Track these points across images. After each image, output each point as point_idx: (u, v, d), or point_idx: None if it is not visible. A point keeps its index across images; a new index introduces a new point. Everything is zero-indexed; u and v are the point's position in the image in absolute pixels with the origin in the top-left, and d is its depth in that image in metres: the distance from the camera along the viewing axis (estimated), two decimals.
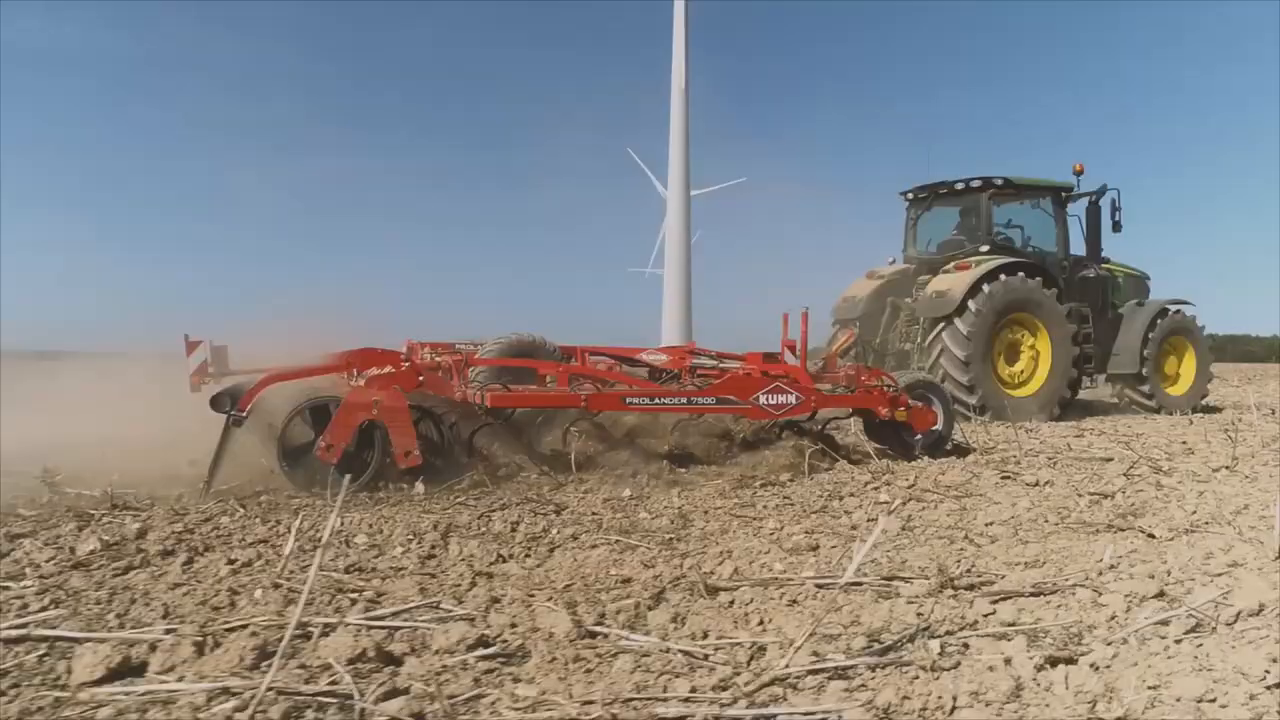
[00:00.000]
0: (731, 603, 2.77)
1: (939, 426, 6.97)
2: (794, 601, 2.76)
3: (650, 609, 2.70)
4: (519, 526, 4.12)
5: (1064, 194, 12.13)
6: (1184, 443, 7.57)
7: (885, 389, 6.67)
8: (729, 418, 6.61)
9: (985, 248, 11.44)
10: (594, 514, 4.48)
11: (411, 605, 2.69)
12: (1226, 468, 5.89)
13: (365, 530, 3.98)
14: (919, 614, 2.56)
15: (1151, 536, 3.85)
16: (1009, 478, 5.58)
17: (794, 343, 6.74)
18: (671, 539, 3.90)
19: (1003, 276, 10.72)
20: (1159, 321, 12.06)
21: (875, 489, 5.29)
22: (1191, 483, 5.31)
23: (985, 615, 2.58)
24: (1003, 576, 3.10)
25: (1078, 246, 12.34)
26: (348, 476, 2.95)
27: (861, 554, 2.70)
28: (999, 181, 11.63)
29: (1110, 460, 6.38)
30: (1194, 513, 4.35)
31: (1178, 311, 12.45)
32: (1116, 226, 12.04)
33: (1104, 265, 12.46)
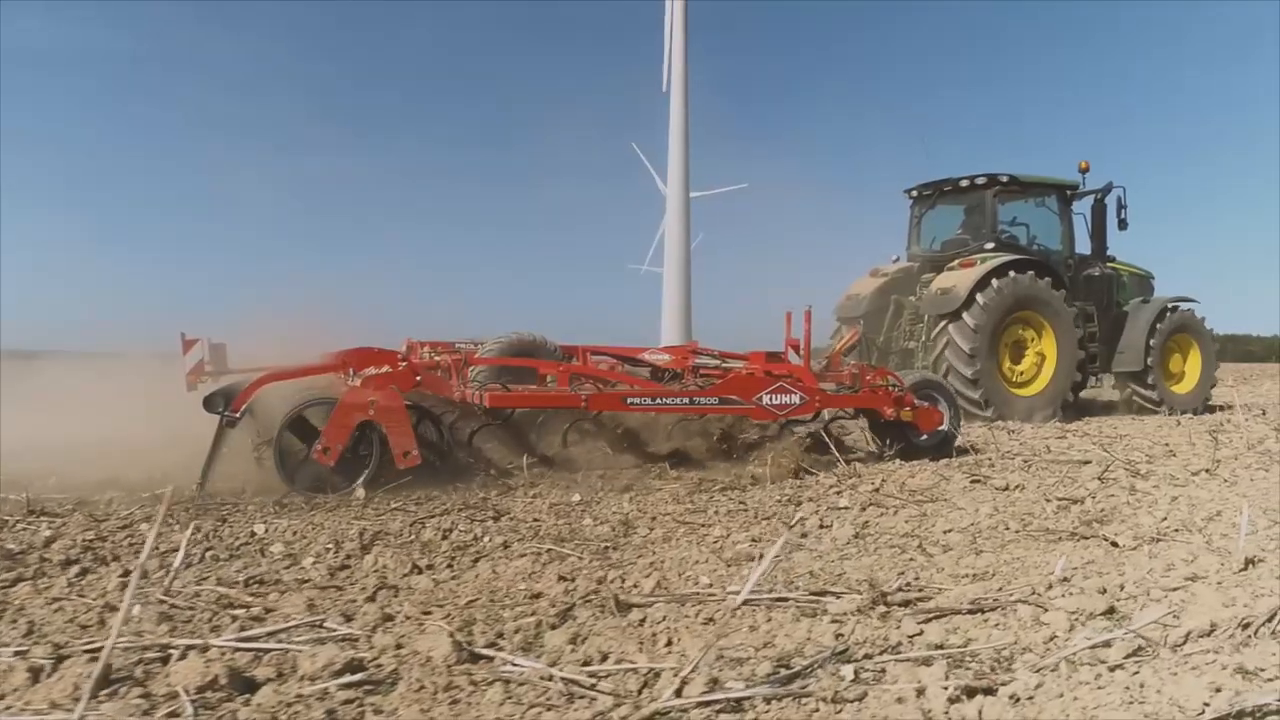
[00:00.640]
0: (643, 621, 2.56)
1: (945, 426, 6.81)
2: (710, 620, 2.55)
3: (553, 628, 2.50)
4: (450, 534, 3.91)
5: (1069, 191, 11.97)
6: (1167, 444, 7.36)
7: (891, 388, 6.51)
8: (731, 418, 6.44)
9: (990, 245, 11.26)
10: (535, 520, 4.27)
11: (293, 624, 2.49)
12: (1206, 471, 5.67)
13: (286, 538, 3.78)
14: (839, 634, 2.35)
15: (1115, 545, 3.64)
16: (979, 481, 5.37)
17: (797, 341, 6.62)
18: (607, 548, 3.70)
19: (1010, 273, 10.55)
20: (1163, 319, 11.88)
21: (838, 493, 5.08)
22: (1167, 487, 5.10)
23: (912, 636, 2.37)
24: (944, 591, 2.89)
25: (1082, 245, 12.19)
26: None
27: (757, 574, 2.49)
28: (1004, 179, 11.46)
29: (1088, 463, 6.16)
30: (1164, 519, 4.14)
31: (1182, 309, 12.27)
32: (1122, 224, 11.90)
33: (1109, 264, 12.28)
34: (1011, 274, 10.55)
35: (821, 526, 4.17)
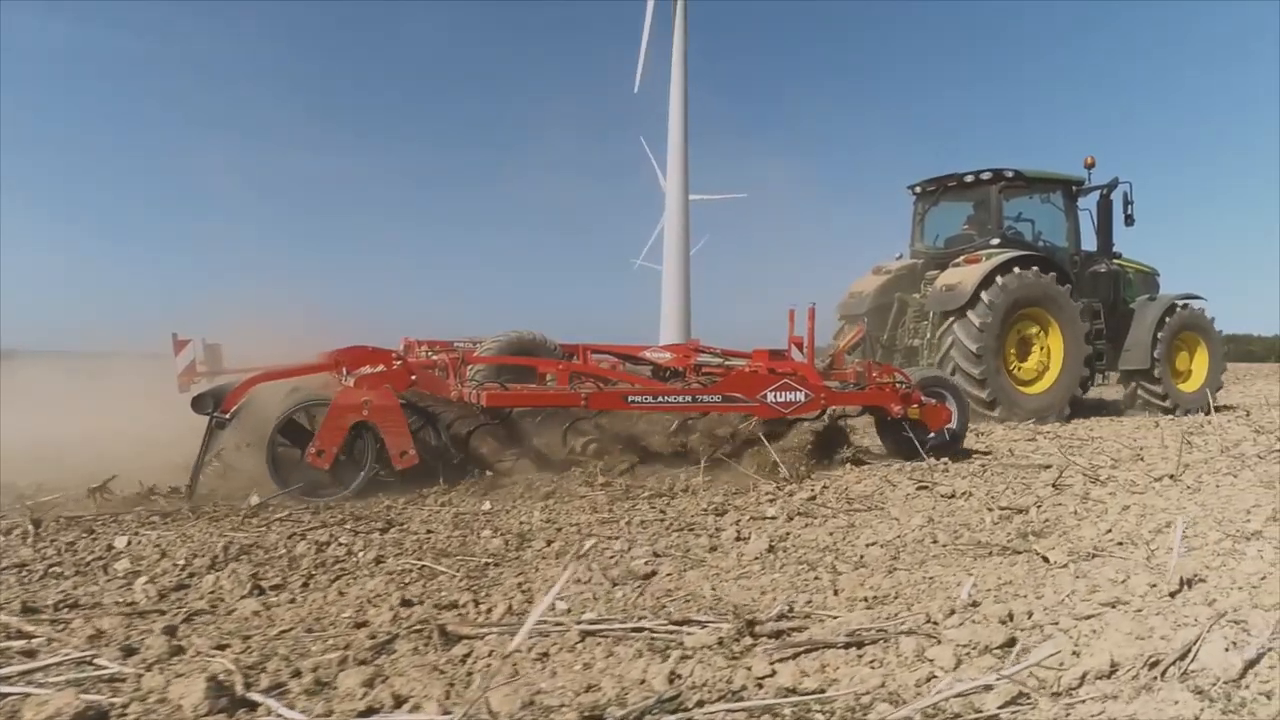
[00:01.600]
0: (466, 656, 2.23)
1: (953, 425, 6.58)
2: (544, 656, 2.23)
3: (361, 664, 2.17)
4: (326, 548, 3.59)
5: (1075, 187, 11.69)
6: (1139, 447, 7.02)
7: (898, 385, 6.27)
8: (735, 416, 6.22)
9: (995, 241, 10.98)
10: (428, 532, 3.95)
11: (56, 660, 2.16)
12: (1170, 477, 5.33)
13: (143, 553, 3.46)
14: (675, 676, 2.03)
15: (1046, 561, 3.32)
16: (925, 488, 5.03)
17: (801, 339, 6.45)
18: (489, 564, 3.37)
19: (1015, 270, 10.28)
20: (1170, 317, 11.61)
21: (771, 501, 4.76)
22: (1124, 494, 4.77)
23: (762, 678, 2.04)
24: (831, 618, 2.56)
25: (1088, 241, 11.91)
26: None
27: (540, 609, 2.16)
28: (1009, 174, 11.18)
29: (1047, 468, 5.83)
30: (1108, 531, 3.81)
31: (1189, 306, 11.99)
32: (1129, 220, 11.61)
33: (1115, 260, 12.01)
34: (1017, 270, 10.30)
35: (738, 539, 3.84)
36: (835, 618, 2.55)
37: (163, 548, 3.55)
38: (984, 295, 10.04)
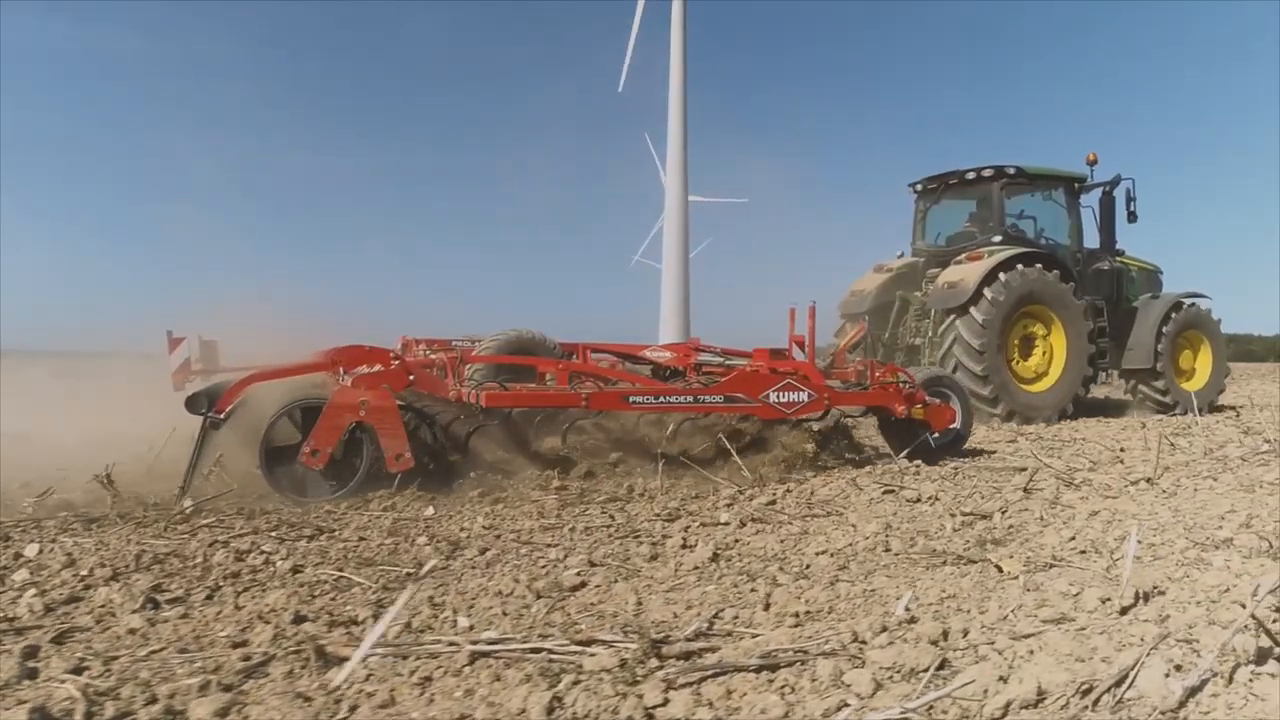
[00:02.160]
0: (342, 683, 2.05)
1: (957, 425, 6.48)
2: (427, 680, 2.05)
3: (222, 689, 1.99)
4: (246, 557, 3.41)
5: (1077, 184, 11.56)
6: (1121, 449, 6.83)
7: (901, 385, 6.19)
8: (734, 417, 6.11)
9: (997, 239, 10.87)
10: (360, 540, 3.77)
11: None
12: (1146, 480, 5.14)
13: (50, 562, 3.27)
14: (555, 706, 1.84)
15: (1000, 571, 3.14)
16: (891, 492, 4.85)
17: (802, 338, 6.38)
18: (411, 574, 3.19)
19: (1019, 267, 10.17)
20: (1173, 315, 11.48)
21: (729, 505, 4.58)
22: (1096, 499, 4.58)
23: (652, 709, 1.86)
24: (754, 636, 2.38)
25: (1090, 238, 11.79)
26: None
27: (377, 631, 1.98)
28: (1011, 171, 11.07)
29: (1022, 470, 5.64)
30: (1071, 539, 3.63)
31: (1193, 305, 11.85)
32: (1132, 217, 11.48)
33: (1118, 258, 11.88)
34: (1019, 268, 10.18)
35: (684, 546, 3.66)
36: (757, 636, 2.37)
37: (74, 556, 3.37)
38: (986, 293, 9.94)
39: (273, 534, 3.76)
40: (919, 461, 6.02)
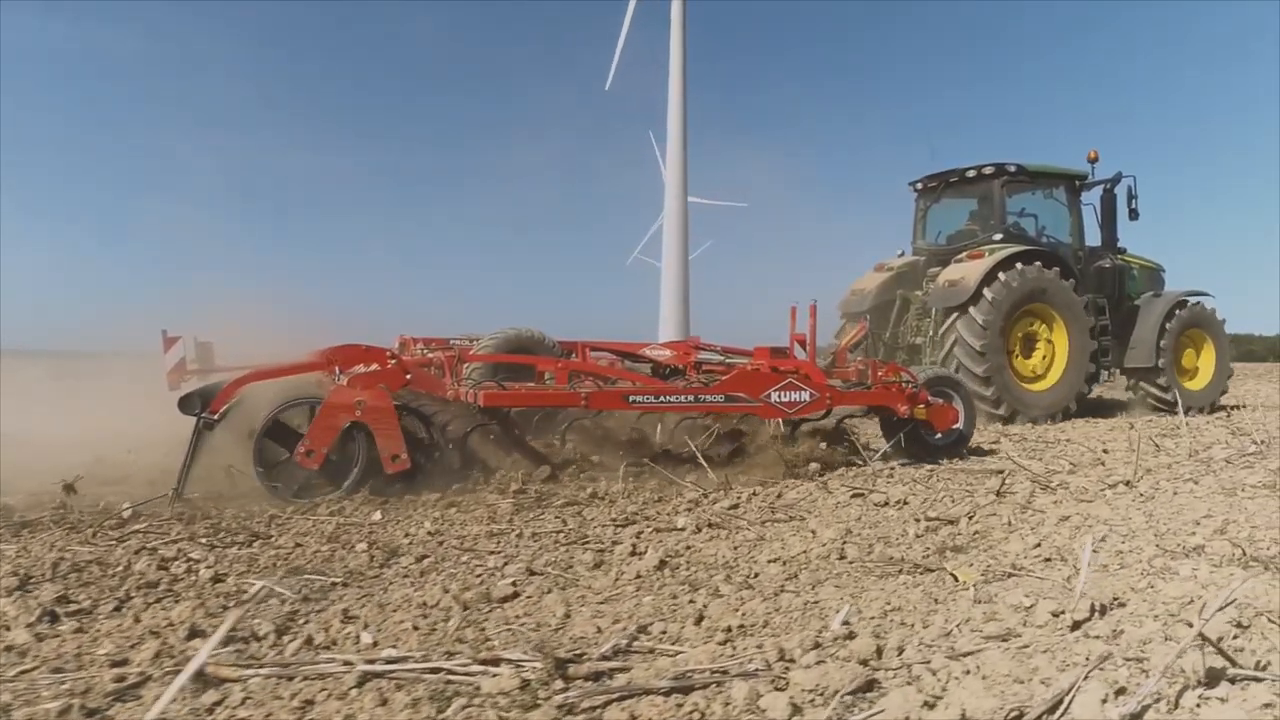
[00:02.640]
0: (217, 704, 1.89)
1: (960, 425, 6.41)
2: (309, 703, 1.89)
3: (86, 715, 1.84)
4: (170, 565, 3.25)
5: (1078, 182, 11.44)
6: (1105, 450, 6.67)
7: (904, 385, 6.11)
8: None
9: (998, 237, 10.75)
10: (296, 546, 3.62)
11: None
12: (1125, 483, 4.99)
13: None
14: None
15: (955, 580, 2.98)
16: (859, 495, 4.70)
17: (803, 336, 6.33)
18: (338, 585, 3.04)
19: (1019, 265, 10.06)
20: (1176, 313, 11.35)
21: (689, 509, 4.42)
22: (1069, 503, 4.43)
23: None
24: (677, 653, 2.23)
25: (1092, 236, 11.66)
26: None
27: (201, 658, 1.82)
28: (1012, 168, 10.96)
29: (1000, 473, 5.49)
30: (1036, 546, 3.47)
31: (1196, 303, 11.72)
32: (1133, 215, 11.38)
33: (1120, 256, 11.76)
34: (1021, 265, 10.07)
35: (633, 553, 3.50)
36: (679, 653, 2.21)
37: None
38: (987, 291, 9.84)
39: (204, 540, 3.60)
40: (894, 463, 5.87)
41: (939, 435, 6.30)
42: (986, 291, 9.82)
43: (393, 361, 5.23)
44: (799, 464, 5.61)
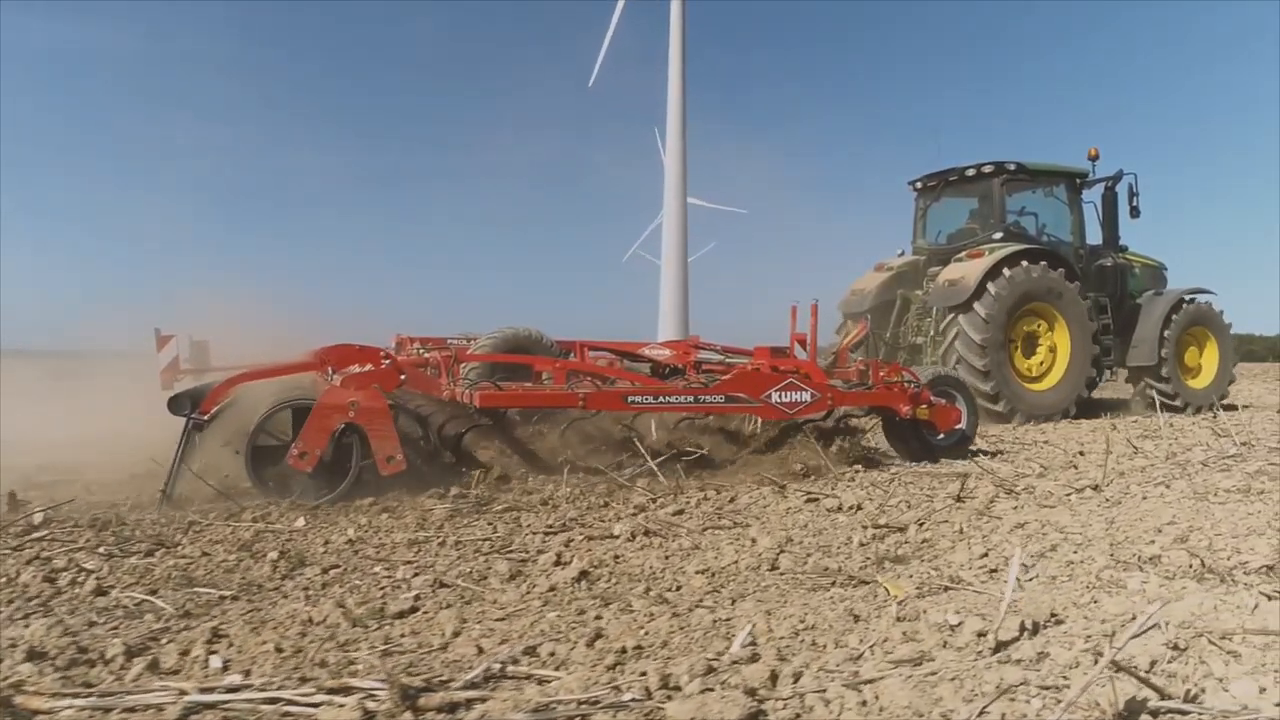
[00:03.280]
0: None
1: (963, 425, 6.36)
2: None
3: None
4: (57, 576, 3.06)
5: (1079, 180, 11.34)
6: (1081, 452, 6.46)
7: (906, 385, 6.07)
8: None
9: (998, 235, 10.66)
10: (203, 554, 3.42)
11: None
12: (1093, 487, 4.79)
13: None
14: None
15: (888, 593, 2.79)
16: (814, 500, 4.51)
17: (804, 336, 6.30)
18: (228, 599, 2.84)
19: (1020, 264, 9.98)
20: (1178, 311, 11.25)
21: (634, 514, 4.23)
22: (1031, 508, 4.23)
23: None
24: (551, 680, 2.03)
25: (1093, 235, 11.57)
26: None
27: None
28: (1012, 167, 10.86)
29: (966, 476, 5.29)
30: (983, 556, 3.28)
31: (1198, 301, 11.60)
32: (1134, 212, 11.27)
33: (1121, 254, 11.64)
34: (1022, 264, 9.98)
35: (556, 564, 3.31)
36: (555, 680, 2.02)
37: None
38: (988, 290, 9.75)
39: (102, 550, 3.40)
40: (858, 466, 5.67)
41: (941, 436, 6.24)
42: (987, 291, 9.75)
43: (387, 361, 5.15)
44: (782, 467, 5.47)
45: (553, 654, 2.24)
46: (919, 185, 11.90)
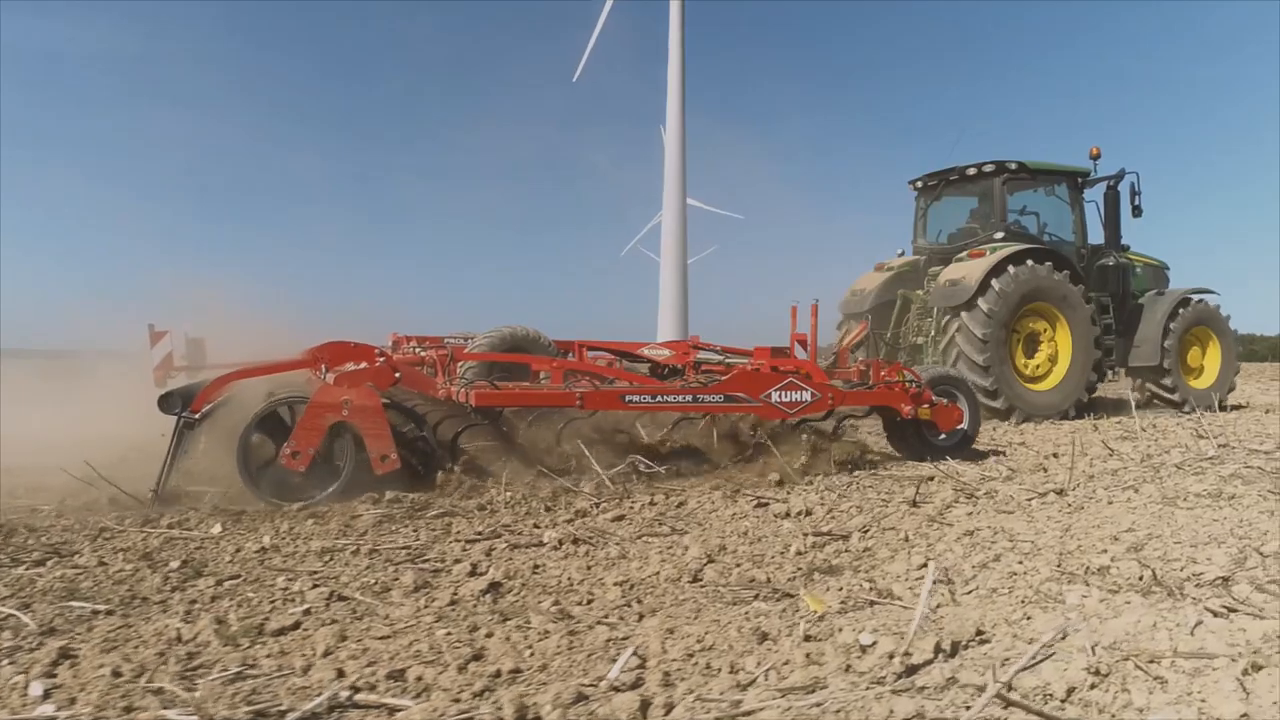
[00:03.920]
0: None
1: (965, 426, 6.29)
2: None
3: None
4: None
5: (1081, 179, 11.19)
6: (1054, 454, 6.26)
7: (908, 384, 5.98)
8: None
9: (1000, 235, 10.52)
10: (100, 564, 3.23)
11: None
12: (1057, 491, 4.60)
13: None
14: None
15: (815, 609, 2.60)
16: (763, 505, 4.31)
17: (804, 336, 6.26)
18: (101, 613, 2.65)
19: (1022, 263, 9.84)
20: (1180, 311, 11.13)
21: (569, 520, 4.03)
22: (987, 514, 4.04)
23: None
24: (397, 710, 1.84)
25: (1095, 234, 11.40)
26: None
27: None
28: (1013, 166, 10.71)
29: (931, 479, 5.10)
30: (922, 566, 3.09)
31: (1200, 300, 11.46)
32: (1136, 211, 11.11)
33: (1124, 254, 11.49)
34: (1024, 264, 9.84)
35: (471, 574, 3.12)
36: (403, 711, 1.83)
37: None
38: (989, 290, 9.61)
39: (26, 555, 3.21)
40: (822, 473, 5.47)
41: (943, 436, 6.14)
42: (988, 290, 9.62)
43: (381, 359, 5.06)
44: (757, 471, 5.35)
45: (419, 678, 2.05)
46: (919, 184, 11.77)
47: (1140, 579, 2.85)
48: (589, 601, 2.77)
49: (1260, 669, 1.89)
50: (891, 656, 2.08)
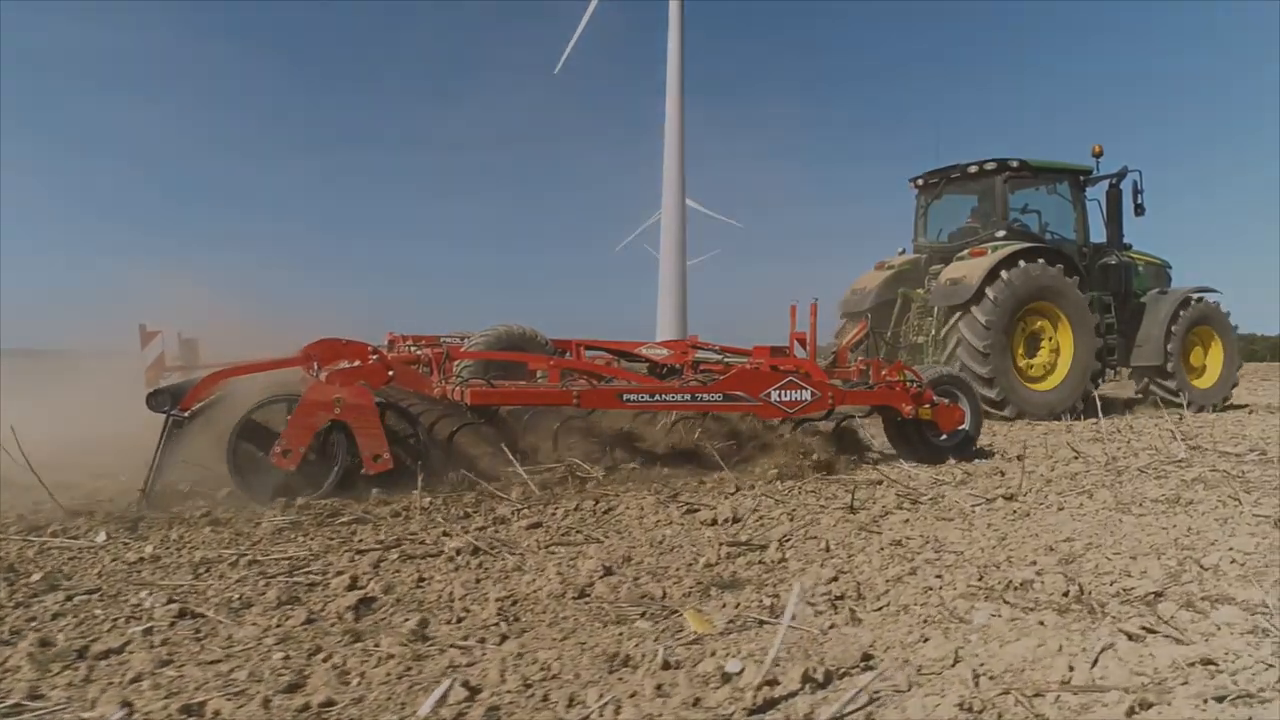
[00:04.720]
0: None
1: (966, 426, 6.19)
2: None
3: None
4: None
5: (1082, 177, 11.09)
6: (1019, 456, 6.03)
7: (909, 384, 5.91)
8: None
9: (1001, 233, 10.41)
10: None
11: None
12: (1005, 497, 4.37)
13: None
14: None
15: (697, 629, 2.37)
16: (693, 511, 4.08)
17: (803, 335, 6.20)
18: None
19: (1022, 262, 9.72)
20: (1183, 311, 11.02)
21: (480, 529, 3.81)
22: (922, 523, 3.82)
23: None
24: None
25: (1097, 233, 11.27)
26: None
27: None
28: (1014, 164, 10.61)
29: (879, 483, 4.87)
30: (833, 580, 2.87)
31: (1202, 300, 11.35)
32: (1139, 210, 11.01)
33: (1126, 253, 11.38)
34: (1025, 263, 9.73)
35: (351, 587, 2.89)
36: None
37: None
38: (990, 290, 9.50)
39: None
40: (775, 480, 5.24)
41: (944, 436, 6.04)
42: (989, 290, 9.50)
43: (374, 357, 4.96)
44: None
45: (216, 713, 1.83)
46: (920, 183, 11.64)
47: (1065, 595, 2.63)
48: (459, 620, 2.55)
49: (1150, 707, 1.67)
50: (760, 686, 1.86)
